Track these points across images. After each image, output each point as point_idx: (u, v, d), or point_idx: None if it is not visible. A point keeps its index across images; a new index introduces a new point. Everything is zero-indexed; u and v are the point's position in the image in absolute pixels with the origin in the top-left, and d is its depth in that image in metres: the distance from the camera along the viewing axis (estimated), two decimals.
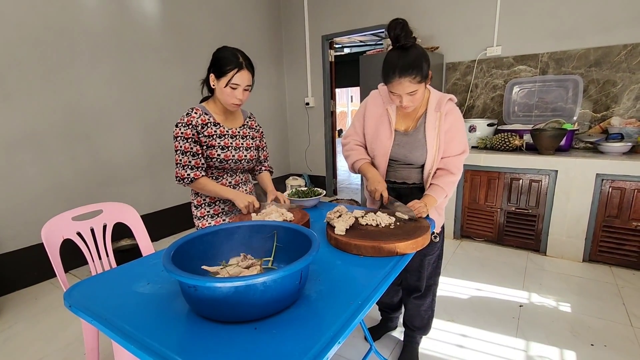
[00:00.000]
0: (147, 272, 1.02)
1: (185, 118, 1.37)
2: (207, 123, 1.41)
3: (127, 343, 0.71)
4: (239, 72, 1.32)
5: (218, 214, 1.53)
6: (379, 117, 1.43)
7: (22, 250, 2.46)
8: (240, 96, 1.37)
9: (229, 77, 1.32)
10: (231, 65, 1.31)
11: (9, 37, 2.29)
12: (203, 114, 1.41)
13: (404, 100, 1.26)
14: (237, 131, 1.50)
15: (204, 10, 3.50)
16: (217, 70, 1.34)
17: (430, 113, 1.35)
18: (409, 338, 1.68)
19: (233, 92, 1.35)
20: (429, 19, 3.44)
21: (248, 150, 1.53)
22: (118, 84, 2.88)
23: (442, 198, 1.36)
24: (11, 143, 2.35)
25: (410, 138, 1.38)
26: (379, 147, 1.42)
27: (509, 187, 2.76)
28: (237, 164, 1.50)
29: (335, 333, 0.70)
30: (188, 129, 1.36)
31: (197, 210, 1.53)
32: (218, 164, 1.45)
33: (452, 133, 1.35)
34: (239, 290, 0.71)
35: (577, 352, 1.68)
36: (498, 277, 2.40)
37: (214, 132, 1.42)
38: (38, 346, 1.86)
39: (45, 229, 1.37)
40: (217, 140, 1.43)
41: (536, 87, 3.00)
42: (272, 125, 4.55)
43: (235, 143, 1.49)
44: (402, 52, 1.21)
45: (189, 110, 1.40)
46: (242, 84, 1.35)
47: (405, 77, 1.19)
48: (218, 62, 1.34)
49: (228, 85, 1.33)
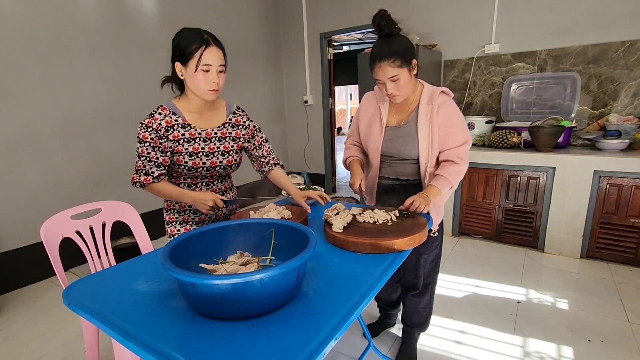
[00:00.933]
0: (145, 270, 1.03)
1: (147, 119, 1.21)
2: (174, 125, 1.23)
3: (126, 340, 0.72)
4: (207, 48, 1.14)
5: (188, 222, 1.39)
6: (371, 115, 1.48)
7: (22, 249, 2.47)
8: (216, 78, 1.17)
9: (197, 57, 1.13)
10: (196, 43, 1.13)
11: (7, 37, 2.28)
12: (170, 114, 1.23)
13: (388, 87, 1.28)
14: (213, 133, 1.30)
15: (201, 8, 3.49)
16: (181, 55, 1.15)
17: (423, 106, 1.36)
18: (407, 335, 1.69)
19: (206, 75, 1.15)
20: (427, 17, 3.44)
21: (225, 155, 1.32)
22: (116, 82, 2.88)
23: (446, 188, 1.33)
24: (10, 142, 2.35)
25: (402, 131, 1.40)
26: (371, 143, 1.46)
27: (507, 184, 2.77)
28: (210, 172, 1.32)
29: (332, 329, 0.71)
30: (146, 132, 1.20)
31: (166, 214, 1.40)
32: (186, 171, 1.28)
33: (448, 126, 1.34)
34: (237, 287, 0.71)
35: (574, 348, 1.69)
36: (496, 273, 2.41)
37: (181, 136, 1.24)
38: (38, 344, 1.86)
39: (44, 227, 1.38)
40: (184, 146, 1.24)
41: (534, 84, 3.00)
42: (270, 123, 4.55)
43: (208, 147, 1.28)
44: (385, 40, 1.27)
45: (153, 111, 1.23)
46: (215, 63, 1.15)
47: (384, 61, 1.24)
48: (180, 46, 1.16)
49: (198, 68, 1.14)
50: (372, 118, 1.47)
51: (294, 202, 1.61)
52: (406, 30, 3.52)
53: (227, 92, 3.76)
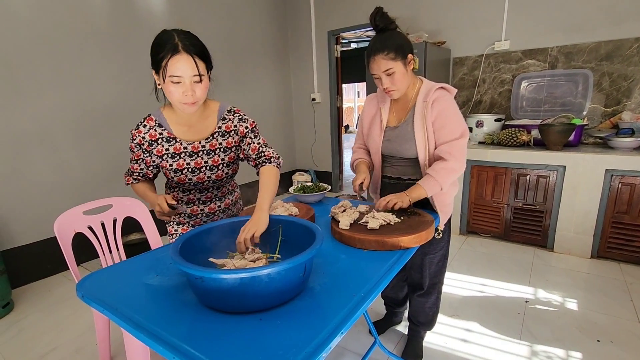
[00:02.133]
0: (156, 265, 1.05)
1: (133, 130, 1.15)
2: (158, 139, 1.14)
3: (137, 332, 0.73)
4: (173, 57, 0.97)
5: (184, 224, 1.37)
6: (372, 117, 1.49)
7: (36, 244, 2.52)
8: (189, 91, 1.01)
9: (163, 67, 0.98)
10: (163, 51, 0.98)
11: (21, 36, 2.33)
12: (155, 127, 1.14)
13: (383, 82, 1.29)
14: (201, 146, 1.17)
15: (210, 6, 3.51)
16: (154, 62, 1.02)
17: (419, 103, 1.34)
18: (413, 332, 1.69)
19: (177, 87, 1.00)
20: (435, 14, 3.41)
21: (214, 170, 1.21)
22: (125, 81, 2.92)
23: (434, 188, 1.27)
24: (23, 139, 2.41)
25: (400, 131, 1.39)
26: (372, 145, 1.48)
27: (516, 182, 2.74)
28: (198, 186, 1.25)
29: (338, 324, 0.72)
30: (132, 143, 1.16)
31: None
32: (175, 184, 1.25)
33: (441, 120, 1.29)
34: (245, 281, 0.72)
35: (583, 349, 1.67)
36: (504, 272, 2.40)
37: (165, 151, 1.15)
38: (51, 336, 1.91)
39: (57, 222, 1.41)
40: (168, 162, 1.16)
41: (545, 81, 2.96)
42: (278, 121, 4.57)
43: (195, 163, 1.18)
44: (380, 35, 1.28)
45: (140, 121, 1.16)
46: (185, 74, 0.99)
47: (378, 55, 1.25)
48: (152, 52, 1.01)
49: (167, 79, 1.00)
50: (373, 119, 1.48)
51: (301, 199, 1.63)
52: (415, 27, 3.49)
53: (235, 91, 3.79)
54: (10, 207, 2.39)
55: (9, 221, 2.40)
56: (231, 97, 3.67)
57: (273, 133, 4.48)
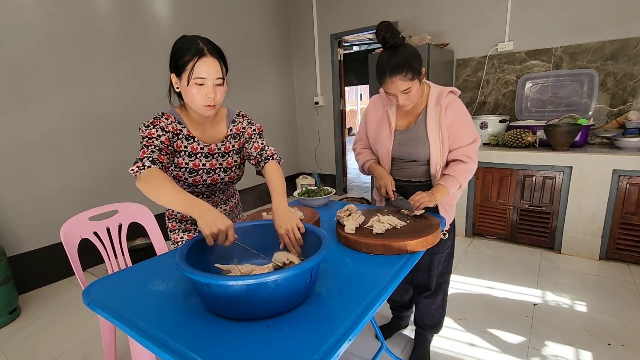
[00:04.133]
0: (161, 271, 1.05)
1: (152, 120, 1.12)
2: (179, 134, 1.14)
3: (143, 339, 0.73)
4: (200, 60, 1.01)
5: (190, 231, 1.34)
6: (379, 120, 1.47)
7: (42, 250, 2.54)
8: (212, 93, 1.04)
9: (189, 69, 1.01)
10: (189, 54, 1.01)
11: (28, 43, 2.36)
12: (175, 122, 1.14)
13: (399, 99, 1.27)
14: (217, 148, 1.21)
15: (213, 11, 3.53)
16: (175, 66, 1.05)
17: (431, 107, 1.35)
18: (420, 336, 1.68)
19: (200, 89, 1.04)
20: (438, 15, 3.40)
21: (227, 172, 1.24)
22: (131, 86, 2.94)
23: (455, 188, 1.33)
24: (30, 145, 2.43)
25: (411, 134, 1.39)
26: (381, 148, 1.46)
27: (521, 184, 2.72)
28: (210, 188, 1.25)
29: (345, 330, 0.71)
30: (153, 129, 1.09)
31: (169, 222, 1.35)
32: (186, 187, 1.22)
33: (456, 125, 1.34)
34: (251, 288, 0.72)
35: (593, 352, 1.65)
36: (511, 275, 2.37)
37: (184, 148, 1.16)
38: (58, 342, 1.92)
39: (64, 229, 1.41)
40: (184, 159, 1.16)
41: (549, 82, 2.94)
42: (281, 125, 4.58)
43: (210, 164, 1.20)
44: (392, 52, 1.23)
45: (157, 115, 1.14)
46: (210, 77, 1.03)
47: (396, 76, 1.21)
48: (174, 56, 1.05)
49: (191, 82, 1.02)
50: (380, 122, 1.46)
51: (306, 203, 1.62)
52: (417, 29, 3.49)
53: (239, 95, 3.80)
54: (17, 213, 2.41)
55: (16, 227, 2.41)
56: (235, 100, 3.69)
57: (277, 136, 4.49)
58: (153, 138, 1.08)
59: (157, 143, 1.08)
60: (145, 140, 1.08)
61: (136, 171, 1.01)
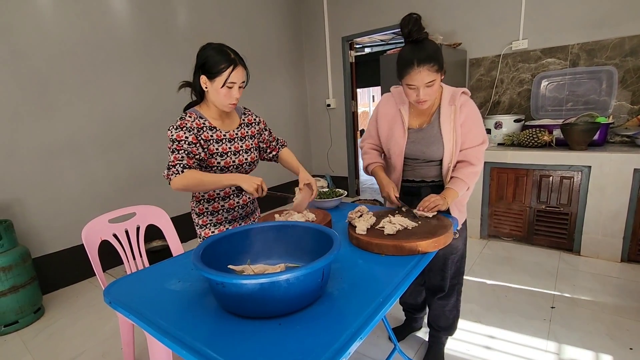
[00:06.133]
0: (178, 271, 1.08)
1: (179, 122, 1.28)
2: (203, 127, 1.32)
3: (161, 336, 0.76)
4: (235, 69, 1.24)
5: (221, 222, 1.45)
6: (392, 118, 1.45)
7: (64, 251, 2.63)
8: (237, 94, 1.29)
9: (225, 76, 1.23)
10: (225, 63, 1.23)
11: (51, 53, 2.46)
12: (197, 118, 1.32)
13: (421, 93, 1.26)
14: (235, 133, 1.41)
15: (227, 17, 3.60)
16: (209, 71, 1.24)
17: (445, 107, 1.35)
18: (434, 339, 1.66)
19: (229, 91, 1.26)
20: (450, 15, 3.38)
21: (248, 152, 1.44)
22: (147, 92, 3.03)
23: (463, 190, 1.35)
24: (53, 150, 2.53)
25: (425, 133, 1.39)
26: (394, 147, 1.44)
27: (538, 184, 2.66)
28: (239, 169, 1.42)
29: (356, 330, 0.72)
30: (181, 131, 1.26)
31: (198, 219, 1.45)
32: (219, 172, 1.36)
33: (469, 125, 1.35)
34: (264, 287, 0.74)
35: (614, 356, 1.60)
36: (527, 277, 2.32)
37: (211, 137, 1.34)
38: (80, 340, 1.98)
39: (85, 231, 1.47)
40: (214, 146, 1.34)
41: (566, 80, 2.88)
42: (293, 127, 4.61)
43: (234, 147, 1.39)
44: (417, 44, 1.25)
45: (182, 115, 1.32)
46: (238, 81, 1.26)
47: (424, 66, 1.21)
48: (208, 62, 1.24)
49: (225, 85, 1.24)
50: (393, 121, 1.45)
51: (318, 205, 1.63)
52: (429, 30, 3.45)
53: (252, 97, 3.85)
54: (42, 216, 2.51)
55: (41, 229, 2.51)
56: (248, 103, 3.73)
57: (289, 139, 4.52)
58: (182, 141, 1.26)
59: (185, 147, 1.25)
60: (175, 144, 1.25)
61: (170, 176, 1.23)
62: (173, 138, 1.26)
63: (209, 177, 1.24)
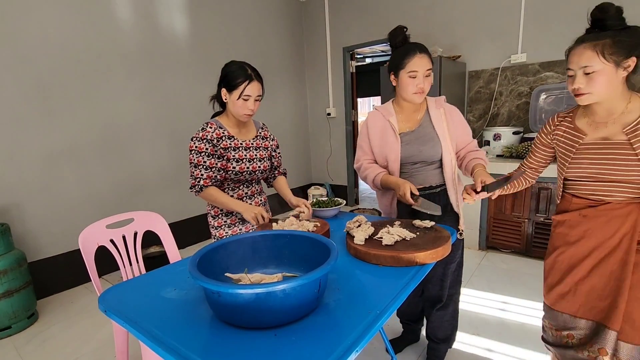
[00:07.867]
0: (174, 279, 1.07)
1: (200, 133, 1.44)
2: (222, 137, 1.47)
3: (155, 345, 0.75)
4: (250, 83, 1.39)
5: (235, 224, 1.57)
6: (382, 128, 1.47)
7: (60, 256, 2.61)
8: (252, 106, 1.43)
9: (241, 89, 1.38)
10: (241, 78, 1.38)
11: (54, 59, 2.48)
12: (217, 128, 1.47)
13: (421, 82, 1.33)
14: (251, 143, 1.55)
15: (229, 26, 3.64)
16: (228, 84, 1.41)
17: (433, 109, 1.45)
18: (432, 351, 1.65)
19: (245, 103, 1.41)
20: (450, 28, 3.42)
21: (261, 161, 1.58)
22: (149, 99, 3.04)
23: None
24: (52, 155, 2.53)
25: (418, 133, 1.43)
26: (389, 152, 1.43)
27: (536, 196, 2.67)
28: (252, 175, 1.55)
29: (353, 341, 0.71)
30: (202, 143, 1.42)
31: (214, 220, 1.57)
32: (234, 176, 1.50)
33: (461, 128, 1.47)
34: (260, 297, 0.73)
35: None
36: (526, 290, 2.31)
37: (229, 145, 1.48)
38: (73, 347, 1.96)
39: (82, 236, 1.46)
40: (231, 153, 1.49)
41: (564, 93, 2.90)
42: (293, 135, 4.63)
43: (249, 155, 1.53)
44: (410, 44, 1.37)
45: (204, 125, 1.46)
46: (253, 95, 1.41)
47: (424, 53, 1.34)
48: (228, 77, 1.41)
49: (240, 97, 1.39)
50: (383, 130, 1.46)
51: (316, 214, 1.63)
52: (429, 42, 3.51)
53: None
54: (40, 220, 2.50)
55: (38, 234, 2.50)
56: None
57: (289, 147, 4.54)
58: (202, 153, 1.42)
59: (205, 159, 1.43)
60: (197, 158, 1.43)
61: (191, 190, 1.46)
62: (194, 150, 1.42)
63: (220, 198, 1.44)
